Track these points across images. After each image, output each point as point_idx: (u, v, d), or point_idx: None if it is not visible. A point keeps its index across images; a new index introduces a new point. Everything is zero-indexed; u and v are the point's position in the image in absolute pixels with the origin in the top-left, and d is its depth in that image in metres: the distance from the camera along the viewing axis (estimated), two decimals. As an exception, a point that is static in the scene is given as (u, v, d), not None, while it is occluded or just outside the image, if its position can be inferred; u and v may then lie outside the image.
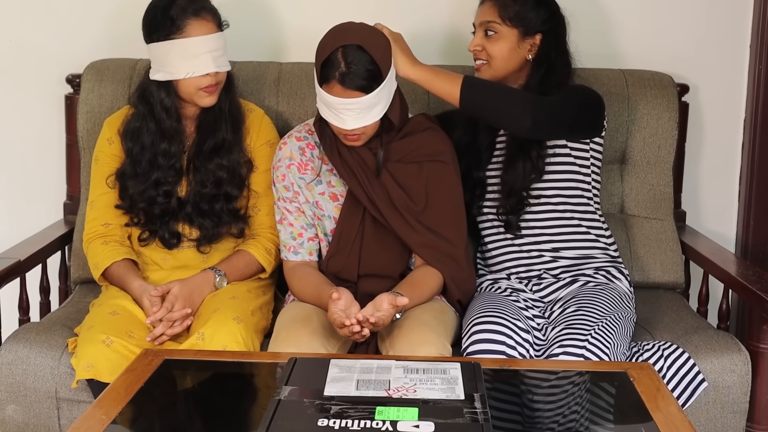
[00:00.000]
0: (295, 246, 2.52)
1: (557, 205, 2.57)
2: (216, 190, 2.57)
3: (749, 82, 3.15)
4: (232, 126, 2.58)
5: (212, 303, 2.48)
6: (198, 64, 2.47)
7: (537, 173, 2.54)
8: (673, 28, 3.13)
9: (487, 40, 2.53)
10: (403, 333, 2.28)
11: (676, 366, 2.38)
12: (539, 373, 2.13)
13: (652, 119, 2.88)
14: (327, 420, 1.70)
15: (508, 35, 2.52)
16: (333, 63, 2.29)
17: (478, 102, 2.38)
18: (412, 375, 1.90)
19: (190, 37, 2.45)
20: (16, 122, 3.14)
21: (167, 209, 2.58)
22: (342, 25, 2.38)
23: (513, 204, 2.56)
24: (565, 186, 2.57)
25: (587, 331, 2.28)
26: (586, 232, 2.59)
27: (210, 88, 2.50)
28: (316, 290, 2.41)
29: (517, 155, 2.54)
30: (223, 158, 2.56)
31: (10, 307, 2.73)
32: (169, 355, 2.12)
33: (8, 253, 2.69)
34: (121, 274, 2.53)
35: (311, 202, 2.52)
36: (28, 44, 3.11)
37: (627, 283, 2.58)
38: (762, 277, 2.53)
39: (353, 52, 2.28)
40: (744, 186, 3.19)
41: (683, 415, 1.85)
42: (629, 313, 2.46)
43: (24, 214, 3.14)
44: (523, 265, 2.59)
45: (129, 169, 2.58)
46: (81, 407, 2.41)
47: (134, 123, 2.58)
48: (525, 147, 2.52)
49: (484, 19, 2.54)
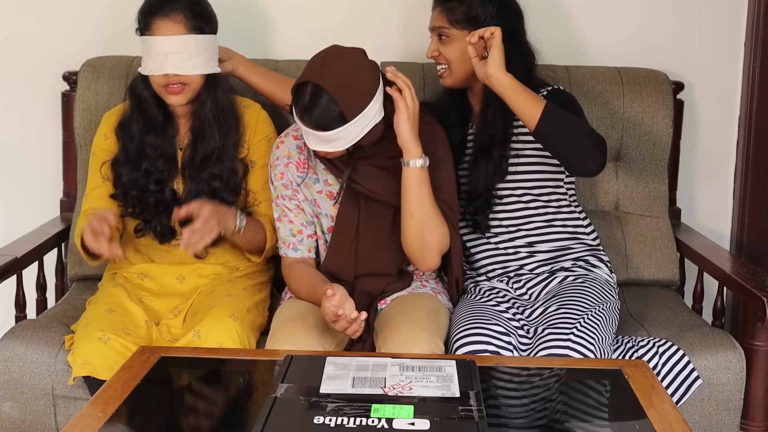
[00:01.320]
0: (295, 243, 2.52)
1: (528, 202, 2.57)
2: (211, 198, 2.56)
3: (744, 79, 3.16)
4: (220, 131, 2.55)
5: (208, 300, 2.48)
6: (158, 63, 2.46)
7: (500, 174, 2.53)
8: (668, 26, 3.14)
9: (442, 45, 2.53)
10: (395, 330, 2.29)
11: (671, 363, 2.39)
12: (534, 371, 2.13)
13: (647, 117, 2.89)
14: (323, 417, 1.71)
15: (460, 37, 2.49)
16: (301, 93, 2.27)
17: (554, 131, 2.34)
18: (407, 373, 1.91)
19: (154, 36, 2.45)
20: (12, 119, 3.14)
21: (161, 199, 2.57)
22: (329, 55, 2.31)
23: (479, 205, 2.56)
24: (534, 185, 2.57)
25: (569, 330, 2.28)
26: (562, 226, 2.59)
27: (172, 88, 2.49)
28: (311, 287, 2.42)
29: (479, 156, 2.54)
30: (214, 167, 2.55)
31: (7, 304, 2.74)
32: (166, 353, 2.13)
33: (5, 250, 2.69)
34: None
35: (309, 199, 2.52)
36: (24, 41, 3.11)
37: (607, 270, 2.58)
38: (756, 275, 2.54)
39: (320, 95, 2.24)
40: (739, 183, 3.20)
41: (678, 413, 1.86)
42: (611, 303, 2.46)
43: (21, 211, 3.14)
44: (499, 263, 2.59)
45: (121, 157, 2.59)
46: (77, 404, 2.41)
47: (126, 115, 2.59)
48: (487, 148, 2.52)
49: (436, 25, 2.53)
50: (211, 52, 2.52)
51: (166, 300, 2.55)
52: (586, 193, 2.91)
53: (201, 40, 2.47)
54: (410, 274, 2.56)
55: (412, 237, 2.38)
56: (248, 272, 2.66)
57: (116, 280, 2.59)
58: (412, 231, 2.37)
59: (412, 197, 2.34)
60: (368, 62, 2.33)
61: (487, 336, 2.32)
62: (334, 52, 2.32)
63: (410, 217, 2.36)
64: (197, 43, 2.47)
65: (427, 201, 2.35)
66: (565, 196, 2.61)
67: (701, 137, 3.19)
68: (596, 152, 2.35)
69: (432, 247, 2.39)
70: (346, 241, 2.49)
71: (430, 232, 2.37)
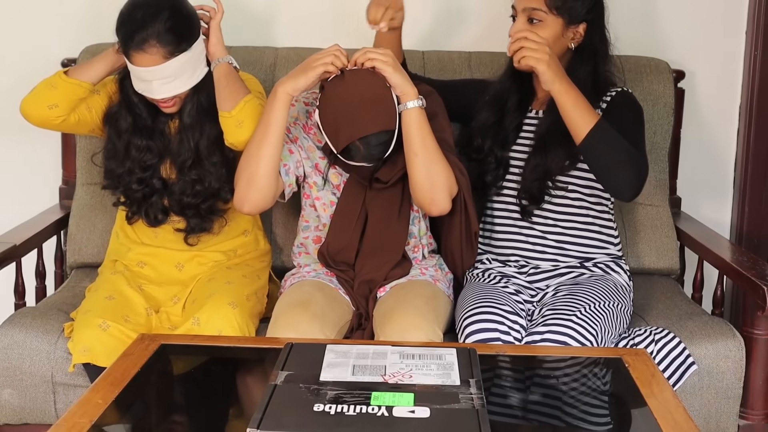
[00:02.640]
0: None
1: (574, 200, 2.55)
2: (195, 200, 2.55)
3: (745, 68, 3.15)
4: (194, 135, 2.51)
5: (207, 288, 2.48)
6: (146, 88, 2.43)
7: (571, 162, 2.49)
8: (669, 15, 3.13)
9: (531, 27, 2.43)
10: (393, 318, 2.29)
11: (666, 349, 2.38)
12: (535, 359, 2.13)
13: (647, 105, 2.88)
14: (323, 405, 1.71)
15: (553, 24, 2.43)
16: (352, 150, 2.35)
17: (598, 151, 2.32)
18: (407, 361, 1.91)
19: (135, 66, 2.40)
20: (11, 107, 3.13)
21: (147, 193, 2.56)
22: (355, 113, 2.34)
23: (536, 189, 2.51)
24: (584, 184, 2.53)
25: (570, 314, 2.28)
26: (597, 231, 2.57)
27: (164, 104, 2.48)
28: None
29: (556, 141, 2.46)
30: (191, 173, 2.52)
31: (6, 292, 2.74)
32: (166, 340, 2.13)
33: (4, 237, 2.69)
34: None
35: (311, 160, 2.52)
36: (23, 28, 3.11)
37: (626, 276, 2.58)
38: (756, 264, 2.54)
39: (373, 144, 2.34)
40: (739, 172, 3.20)
41: (678, 401, 1.86)
42: (624, 305, 2.46)
43: (19, 199, 3.14)
44: (524, 257, 2.58)
45: (109, 150, 2.57)
46: (77, 391, 2.41)
47: (114, 108, 2.56)
48: (568, 135, 2.41)
49: (529, 6, 2.43)
50: (195, 62, 2.45)
51: (166, 288, 2.55)
52: (587, 182, 2.90)
53: (181, 59, 2.39)
54: (410, 260, 2.56)
55: (421, 177, 2.37)
56: (247, 258, 2.67)
57: (116, 268, 2.59)
58: (420, 171, 2.36)
59: (415, 137, 2.35)
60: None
61: (497, 315, 2.31)
62: None
63: (415, 157, 2.36)
64: (178, 65, 2.40)
65: (429, 140, 2.36)
66: (607, 202, 2.59)
67: (702, 126, 3.18)
68: (633, 180, 2.34)
69: (441, 186, 2.37)
70: (349, 220, 2.49)
71: (437, 171, 2.37)
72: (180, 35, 2.39)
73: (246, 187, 2.38)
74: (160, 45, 2.37)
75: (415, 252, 2.59)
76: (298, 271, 2.60)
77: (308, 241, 2.62)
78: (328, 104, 2.33)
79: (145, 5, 2.38)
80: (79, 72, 2.49)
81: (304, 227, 2.62)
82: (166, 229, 2.61)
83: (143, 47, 2.36)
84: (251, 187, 2.37)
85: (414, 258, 2.58)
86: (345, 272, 2.52)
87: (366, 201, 2.49)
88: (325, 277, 2.53)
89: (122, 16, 2.41)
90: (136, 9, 2.39)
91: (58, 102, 2.46)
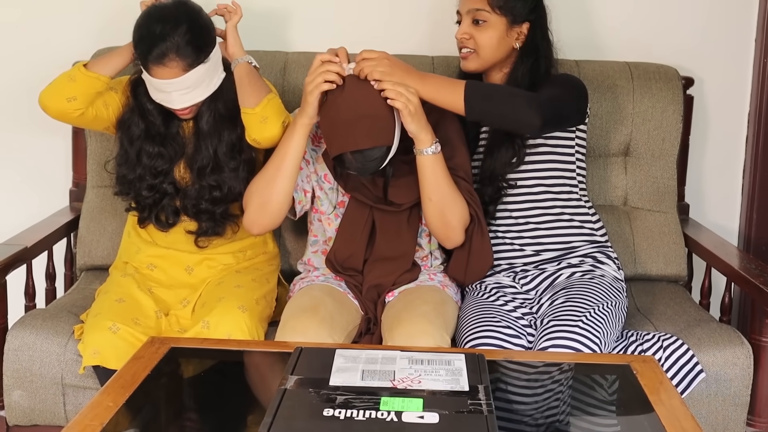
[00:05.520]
0: None
1: (538, 194, 2.57)
2: (212, 206, 2.56)
3: (754, 75, 3.15)
4: (212, 141, 2.52)
5: (217, 292, 2.49)
6: (165, 98, 2.44)
7: (517, 159, 2.54)
8: (678, 21, 3.13)
9: (476, 29, 2.51)
10: (401, 324, 2.30)
11: (675, 356, 2.39)
12: (542, 366, 2.14)
13: (656, 112, 2.89)
14: (332, 410, 1.71)
15: (497, 24, 2.50)
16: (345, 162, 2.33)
17: (483, 109, 2.37)
18: (416, 366, 1.91)
19: (155, 79, 2.40)
20: (22, 109, 3.15)
21: (157, 199, 2.57)
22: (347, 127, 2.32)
23: (491, 192, 2.56)
24: (545, 176, 2.57)
25: (574, 322, 2.29)
26: (569, 220, 2.58)
27: (181, 113, 2.49)
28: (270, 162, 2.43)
29: (499, 142, 2.54)
30: (210, 178, 2.53)
31: (17, 294, 2.75)
32: (176, 344, 2.13)
33: (15, 239, 2.70)
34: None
35: (320, 174, 2.53)
36: (34, 31, 3.12)
37: (615, 267, 2.58)
38: (765, 271, 2.54)
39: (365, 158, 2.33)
40: (747, 179, 3.20)
41: (686, 408, 1.86)
42: (619, 302, 2.46)
43: (30, 201, 3.15)
44: (505, 259, 2.59)
45: (121, 156, 2.58)
46: (86, 393, 2.42)
47: (127, 114, 2.56)
48: (510, 134, 2.52)
49: (472, 7, 2.50)
50: (213, 70, 2.46)
51: (176, 291, 2.56)
52: (595, 188, 2.91)
53: (200, 69, 2.40)
54: (418, 266, 2.57)
55: (435, 220, 2.41)
56: (256, 261, 2.67)
57: (126, 270, 2.60)
58: (434, 215, 2.40)
59: (430, 183, 2.37)
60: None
61: (497, 339, 2.33)
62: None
63: (429, 202, 2.39)
64: (197, 75, 2.41)
65: (444, 184, 2.38)
66: (576, 189, 2.61)
67: (710, 133, 3.19)
68: (530, 112, 2.34)
69: (455, 225, 2.42)
70: (357, 225, 2.50)
71: (451, 212, 2.40)
72: (198, 47, 2.39)
73: (257, 212, 2.42)
74: (180, 58, 2.37)
75: (424, 260, 2.59)
76: (307, 275, 2.60)
77: (316, 255, 2.63)
78: (327, 114, 2.33)
79: (162, 19, 2.38)
80: (99, 65, 2.50)
81: (312, 242, 2.63)
82: (177, 230, 2.62)
83: (163, 61, 2.37)
84: (263, 213, 2.42)
85: (423, 264, 2.58)
86: (353, 277, 2.53)
87: (374, 212, 2.50)
88: (333, 281, 2.54)
89: (140, 30, 2.40)
90: (154, 23, 2.38)
91: (76, 95, 2.46)
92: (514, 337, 2.35)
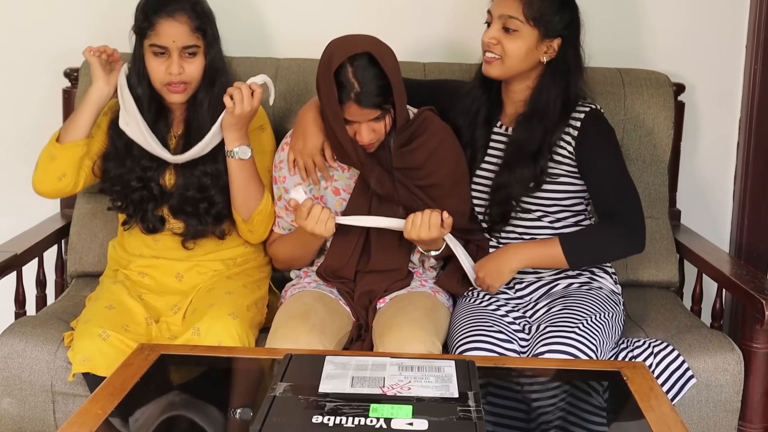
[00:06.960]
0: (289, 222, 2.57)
1: (551, 221, 2.52)
2: (199, 194, 2.55)
3: (745, 82, 3.16)
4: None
5: (208, 298, 2.48)
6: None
7: (535, 185, 2.46)
8: (669, 28, 3.14)
9: (505, 36, 2.40)
10: (392, 330, 2.30)
11: (665, 362, 2.39)
12: (533, 372, 2.14)
13: (648, 118, 2.89)
14: (321, 417, 1.71)
15: (528, 35, 2.40)
16: (345, 85, 2.29)
17: (589, 261, 2.50)
18: (406, 372, 1.91)
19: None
20: (13, 115, 3.14)
21: (145, 196, 2.56)
22: (346, 36, 2.39)
23: (499, 212, 2.50)
24: (561, 205, 2.50)
25: (571, 329, 2.29)
26: None
27: (175, 87, 2.48)
28: (294, 234, 2.54)
29: (520, 160, 2.45)
30: (207, 165, 2.53)
31: (7, 301, 2.74)
32: (165, 350, 2.13)
33: (5, 246, 2.70)
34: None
35: (316, 198, 2.52)
36: (25, 38, 3.11)
37: (612, 281, 2.57)
38: (755, 277, 2.54)
39: (363, 66, 2.29)
40: (739, 186, 3.20)
41: (676, 415, 1.86)
42: (616, 314, 2.46)
43: (20, 208, 3.14)
44: None
45: (110, 151, 2.58)
46: (76, 401, 2.42)
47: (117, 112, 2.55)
48: (534, 155, 2.43)
49: (505, 13, 2.40)
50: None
51: (166, 297, 2.55)
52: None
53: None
54: (410, 273, 2.56)
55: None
56: (246, 268, 2.66)
57: (116, 277, 2.60)
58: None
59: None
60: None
61: (489, 344, 2.32)
62: (346, 36, 2.41)
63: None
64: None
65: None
66: (585, 212, 2.57)
67: (702, 139, 3.19)
68: (629, 244, 2.47)
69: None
70: (350, 238, 2.49)
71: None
72: (206, 16, 2.48)
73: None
74: (189, 17, 2.43)
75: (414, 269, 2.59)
76: (298, 281, 2.60)
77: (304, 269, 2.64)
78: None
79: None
80: (71, 132, 2.51)
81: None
82: (164, 237, 2.61)
83: (174, 15, 2.41)
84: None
85: (415, 271, 2.58)
86: (345, 284, 2.53)
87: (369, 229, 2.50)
88: (325, 288, 2.54)
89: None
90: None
91: (64, 171, 2.51)
92: (505, 342, 2.34)
